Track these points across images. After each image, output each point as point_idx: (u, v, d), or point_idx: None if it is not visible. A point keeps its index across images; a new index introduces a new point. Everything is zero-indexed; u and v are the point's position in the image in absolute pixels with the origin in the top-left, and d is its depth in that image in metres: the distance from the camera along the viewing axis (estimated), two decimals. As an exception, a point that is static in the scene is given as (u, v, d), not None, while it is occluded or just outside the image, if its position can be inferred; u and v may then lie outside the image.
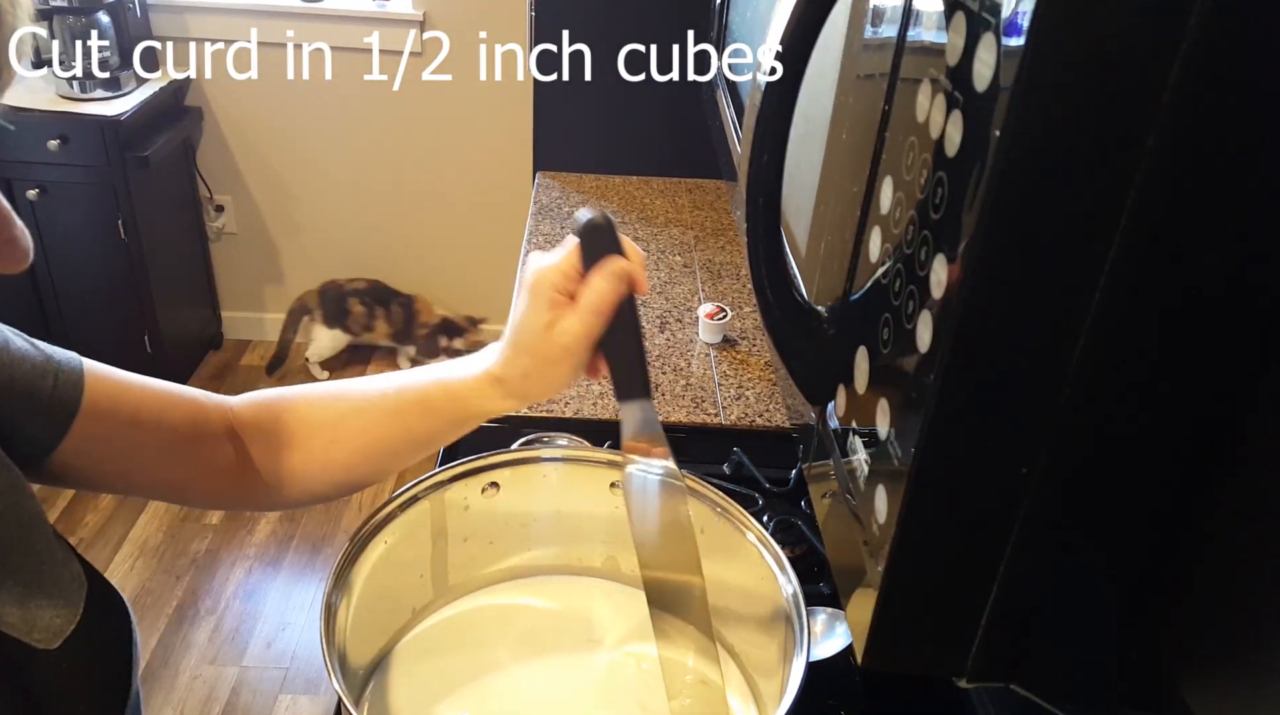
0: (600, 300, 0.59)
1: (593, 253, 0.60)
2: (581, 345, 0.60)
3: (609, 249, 0.60)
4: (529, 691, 0.77)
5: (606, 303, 0.60)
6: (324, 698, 1.92)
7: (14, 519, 0.55)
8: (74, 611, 0.56)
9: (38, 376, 0.60)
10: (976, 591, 0.38)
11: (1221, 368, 0.33)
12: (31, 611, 0.54)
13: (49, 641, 0.54)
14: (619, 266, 0.60)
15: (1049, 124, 0.30)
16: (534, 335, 0.61)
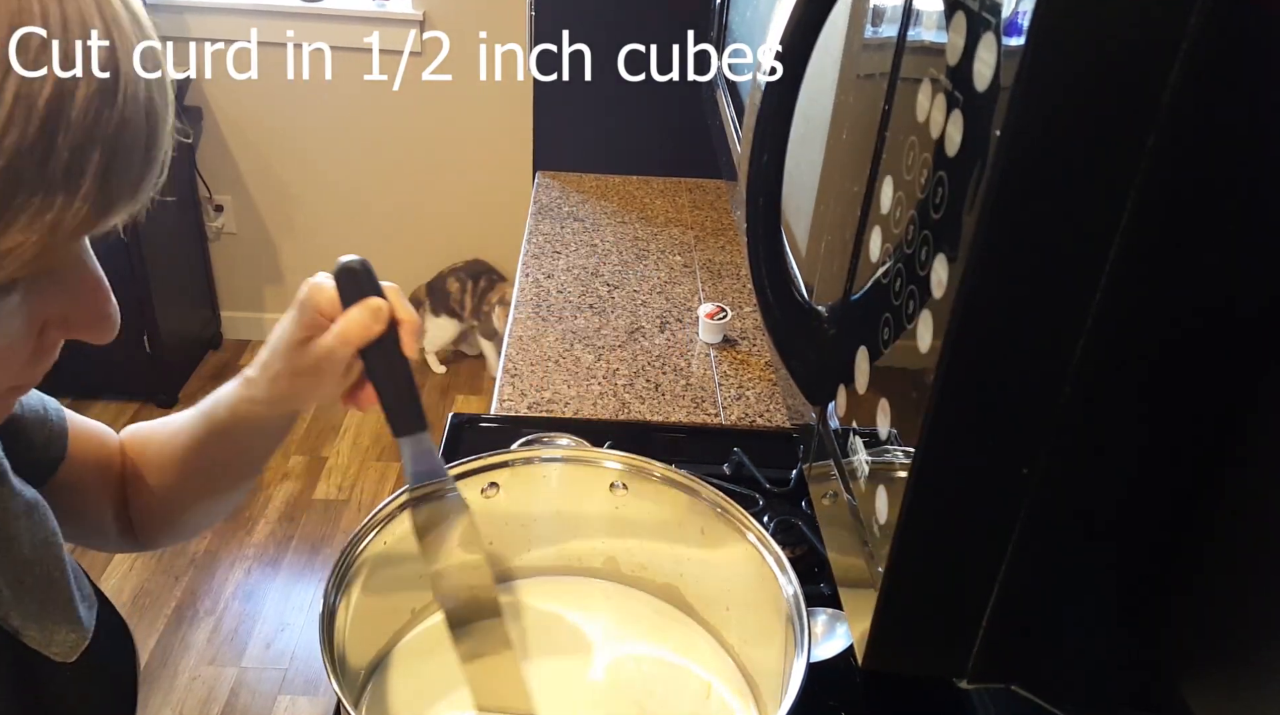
0: (348, 330, 0.61)
1: (349, 293, 0.63)
2: (328, 366, 0.62)
3: (366, 293, 0.63)
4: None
5: (354, 334, 0.61)
6: (323, 699, 1.92)
7: (30, 540, 0.56)
8: (86, 630, 0.58)
9: (39, 422, 0.64)
10: (977, 592, 0.38)
11: (1222, 368, 0.33)
12: (49, 628, 0.56)
13: (65, 656, 0.56)
14: (375, 304, 0.61)
15: (1049, 124, 0.30)
16: (287, 345, 0.63)
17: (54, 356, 0.45)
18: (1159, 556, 0.37)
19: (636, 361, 1.35)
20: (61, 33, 0.35)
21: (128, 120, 0.37)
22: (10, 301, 0.40)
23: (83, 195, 0.36)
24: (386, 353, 0.63)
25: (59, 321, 0.43)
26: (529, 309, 1.47)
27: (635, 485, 0.83)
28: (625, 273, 1.60)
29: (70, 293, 0.43)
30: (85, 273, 0.44)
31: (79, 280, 0.43)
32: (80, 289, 0.43)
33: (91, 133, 0.36)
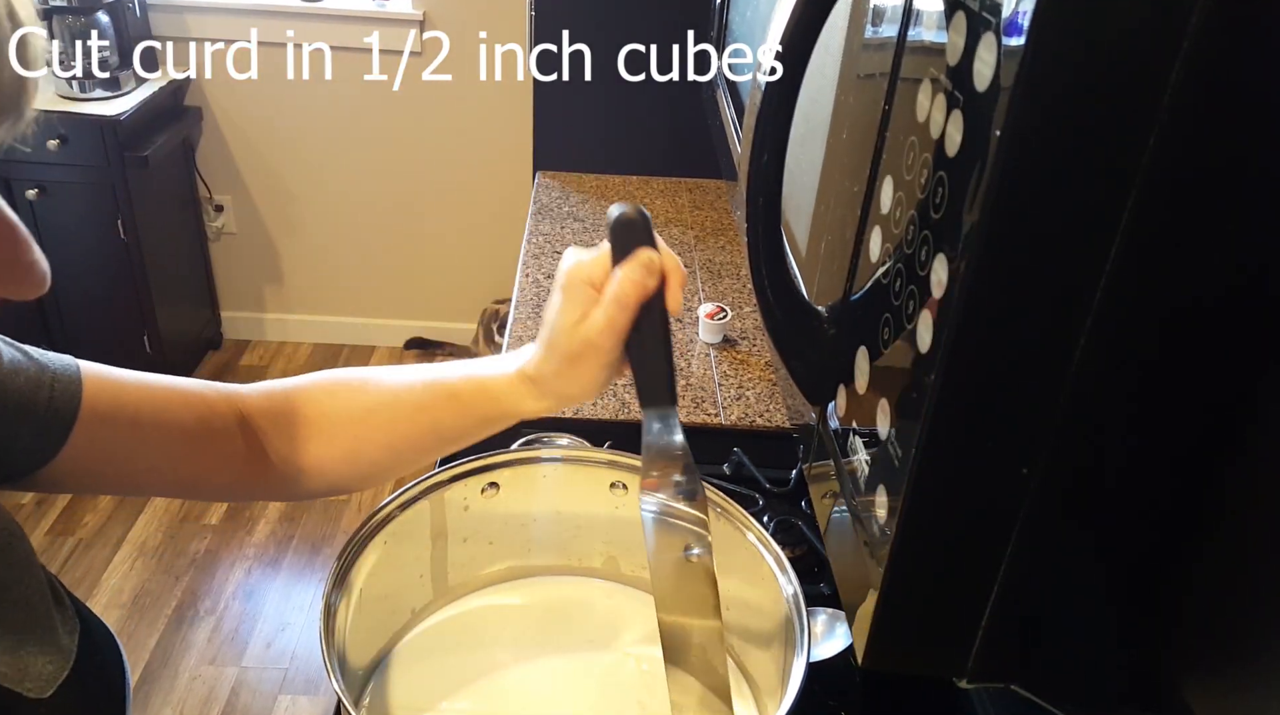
0: (623, 290, 0.57)
1: (623, 247, 0.58)
2: (605, 339, 0.58)
3: (641, 243, 0.58)
4: (529, 691, 0.77)
5: (630, 294, 0.57)
6: (323, 698, 1.92)
7: (3, 564, 0.53)
8: (66, 658, 0.55)
9: (32, 389, 0.58)
10: (977, 592, 0.38)
11: (1222, 368, 0.33)
12: (23, 660, 0.52)
13: (41, 690, 0.53)
14: (647, 256, 0.57)
15: (1049, 124, 0.30)
16: (563, 332, 0.59)
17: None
18: (1159, 556, 0.37)
19: (636, 361, 1.35)
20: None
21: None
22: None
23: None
24: (649, 313, 0.58)
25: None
26: (529, 309, 1.47)
27: (636, 485, 0.82)
28: (625, 273, 1.60)
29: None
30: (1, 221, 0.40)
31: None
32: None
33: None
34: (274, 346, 2.99)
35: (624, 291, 0.57)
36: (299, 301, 2.97)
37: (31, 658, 0.53)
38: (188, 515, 2.33)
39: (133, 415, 0.63)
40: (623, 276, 0.57)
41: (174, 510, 2.34)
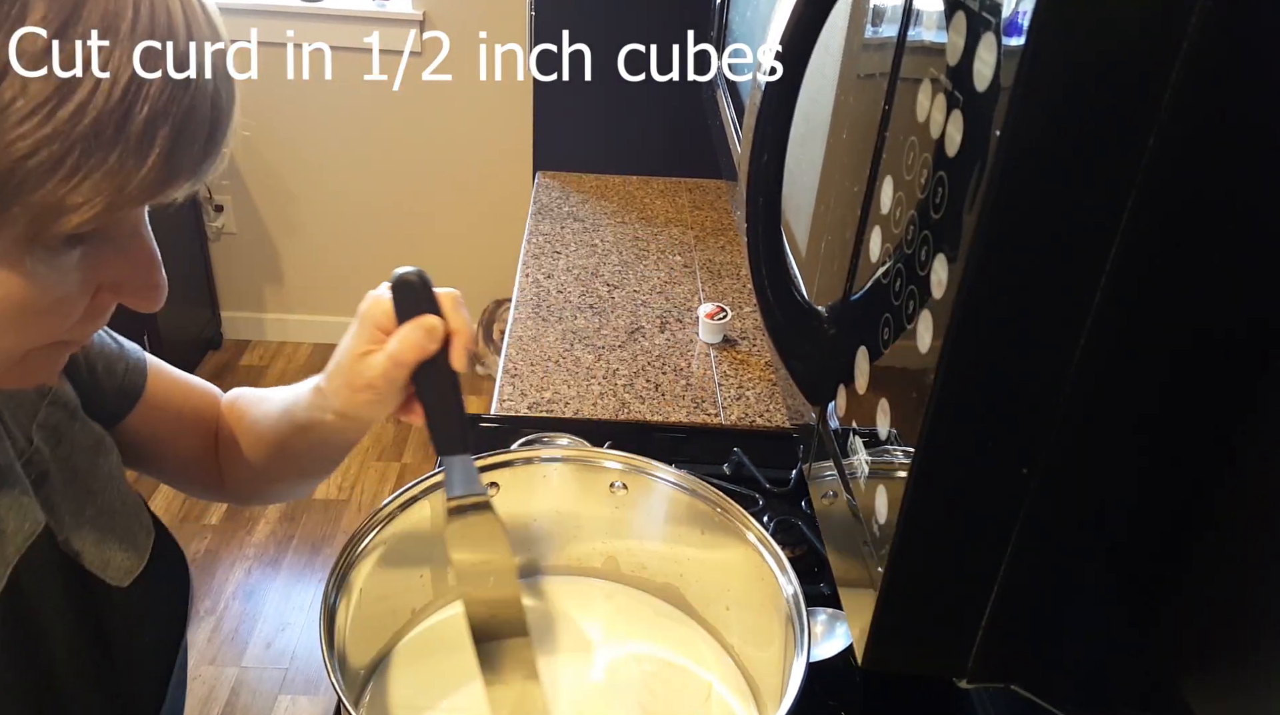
0: (401, 350, 0.61)
1: (405, 307, 0.61)
2: (380, 383, 0.61)
3: (423, 307, 0.61)
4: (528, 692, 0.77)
5: (407, 354, 0.61)
6: (323, 698, 1.92)
7: (94, 473, 0.62)
8: (141, 557, 0.63)
9: (115, 360, 0.68)
10: (977, 592, 0.38)
11: (1222, 367, 0.33)
12: (105, 552, 0.61)
13: (120, 580, 0.61)
14: (429, 323, 0.61)
15: (1049, 124, 0.30)
16: (346, 360, 0.63)
17: (104, 319, 0.49)
18: (1159, 556, 0.37)
19: (636, 361, 1.35)
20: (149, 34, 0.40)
21: (195, 107, 0.42)
22: (72, 255, 0.44)
23: (150, 163, 0.40)
24: (435, 370, 0.62)
25: (112, 286, 0.47)
26: (529, 309, 1.47)
27: (635, 485, 0.83)
28: (625, 273, 1.60)
29: (126, 259, 0.47)
30: (141, 243, 0.47)
31: (135, 249, 0.47)
32: (135, 257, 0.47)
33: (165, 111, 0.40)
34: (274, 346, 2.99)
35: (401, 351, 0.61)
36: (299, 301, 2.97)
37: (113, 552, 0.61)
38: (188, 515, 2.33)
39: (179, 408, 0.74)
40: (402, 337, 0.61)
41: (174, 510, 2.34)
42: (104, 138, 0.39)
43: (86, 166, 0.39)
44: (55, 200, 0.39)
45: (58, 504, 0.58)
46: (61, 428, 0.61)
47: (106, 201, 0.40)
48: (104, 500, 0.62)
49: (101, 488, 0.62)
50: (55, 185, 0.38)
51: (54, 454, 0.59)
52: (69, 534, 0.59)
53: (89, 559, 0.59)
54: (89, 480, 0.62)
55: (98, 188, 0.39)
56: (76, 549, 0.59)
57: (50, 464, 0.59)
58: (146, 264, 0.48)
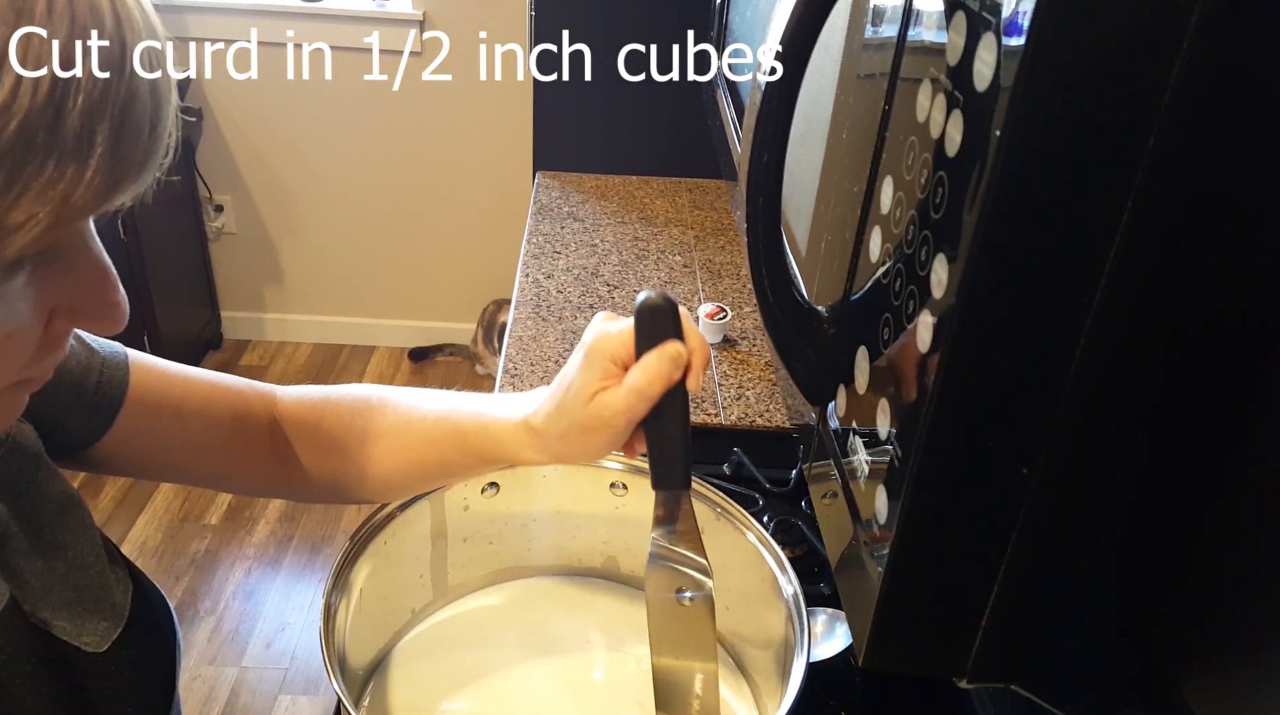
0: (647, 382, 0.56)
1: (648, 335, 0.57)
2: (620, 422, 0.58)
3: (668, 333, 0.57)
4: (529, 691, 0.77)
5: (653, 386, 0.56)
6: (323, 698, 1.92)
7: (61, 526, 0.57)
8: (119, 617, 0.58)
9: (82, 373, 0.61)
10: (977, 592, 0.38)
11: (1222, 367, 0.33)
12: (80, 616, 0.56)
13: (97, 645, 0.56)
14: (675, 350, 0.56)
15: (1049, 124, 0.30)
16: (577, 400, 0.58)
17: (63, 349, 0.45)
18: (1159, 556, 0.37)
19: (636, 361, 1.35)
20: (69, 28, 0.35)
21: (134, 94, 0.38)
22: (17, 281, 0.39)
23: (93, 166, 0.36)
24: (671, 399, 0.58)
25: (66, 311, 0.43)
26: (529, 309, 1.47)
27: (635, 485, 0.83)
28: (625, 273, 1.60)
29: (77, 279, 0.42)
30: (91, 259, 0.43)
31: (85, 266, 0.42)
32: (87, 275, 0.43)
33: (100, 105, 0.36)
34: (274, 346, 2.99)
35: (648, 383, 0.56)
36: (299, 301, 2.97)
37: (88, 615, 0.56)
38: (188, 515, 2.33)
39: (176, 407, 0.66)
40: (648, 368, 0.56)
41: (174, 510, 2.34)
42: (35, 145, 0.34)
43: (21, 180, 0.34)
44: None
45: (23, 567, 0.54)
46: (22, 481, 0.55)
47: (51, 216, 0.35)
48: (75, 555, 0.57)
49: (72, 541, 0.57)
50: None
51: (14, 510, 0.54)
52: (37, 601, 0.54)
53: (61, 628, 0.55)
54: (58, 534, 0.56)
55: (40, 201, 0.35)
56: (45, 618, 0.54)
57: (10, 523, 0.54)
58: (100, 281, 0.43)
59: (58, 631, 0.54)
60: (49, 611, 0.54)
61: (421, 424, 0.68)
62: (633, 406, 0.57)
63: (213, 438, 0.69)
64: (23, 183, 0.34)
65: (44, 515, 0.56)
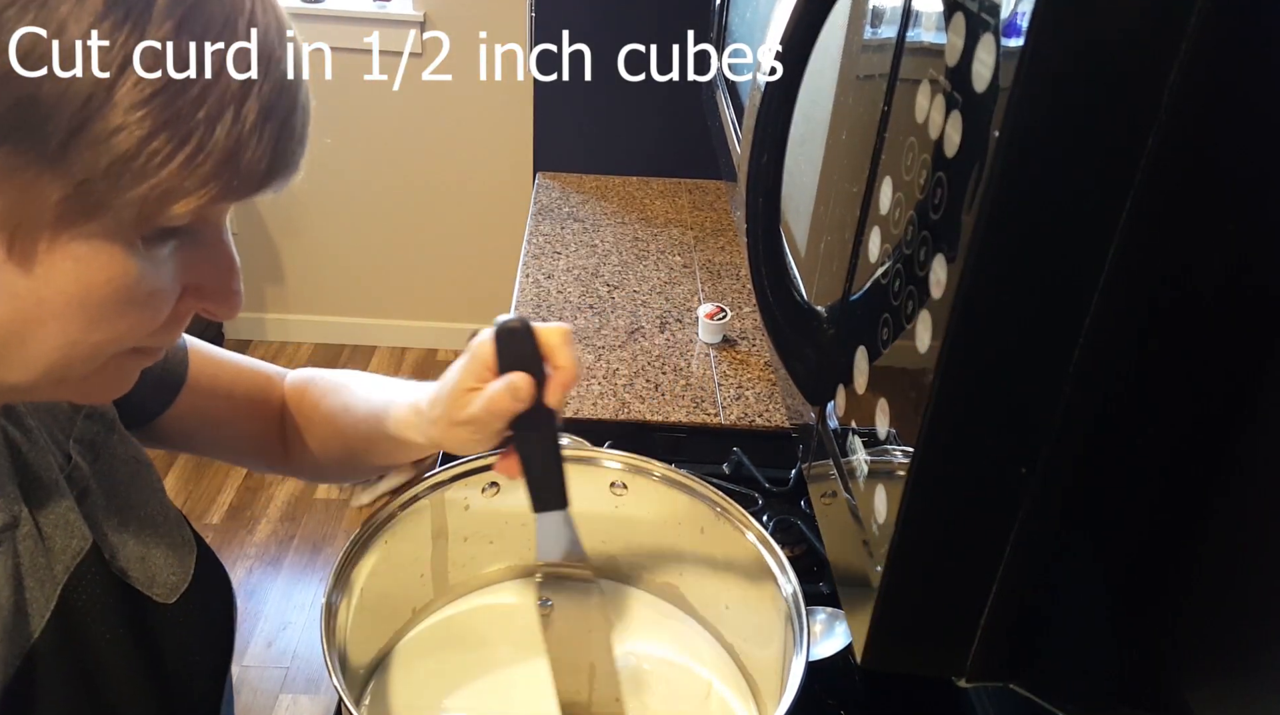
0: (492, 404, 0.60)
1: (506, 356, 0.60)
2: (478, 424, 0.61)
3: (526, 356, 0.60)
4: (529, 689, 0.77)
5: (497, 411, 0.60)
6: (324, 697, 1.92)
7: (136, 486, 0.62)
8: (186, 572, 0.63)
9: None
10: (976, 591, 0.38)
11: (1221, 368, 0.33)
12: (151, 569, 0.60)
13: (167, 596, 0.61)
14: (515, 383, 0.60)
15: (1048, 125, 0.30)
16: (449, 393, 0.62)
17: (183, 327, 0.49)
18: (1159, 556, 0.37)
19: (636, 361, 1.35)
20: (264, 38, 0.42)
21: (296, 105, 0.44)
22: (165, 249, 0.44)
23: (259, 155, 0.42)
24: (532, 422, 0.61)
25: (195, 290, 0.48)
26: (529, 309, 1.47)
27: (635, 485, 0.83)
28: (625, 273, 1.60)
29: (212, 264, 0.48)
30: (224, 249, 0.48)
31: (220, 254, 0.48)
32: (220, 262, 0.48)
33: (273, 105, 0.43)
34: (275, 346, 2.99)
35: (493, 405, 0.60)
36: (300, 301, 2.97)
37: (158, 568, 0.61)
38: (190, 514, 2.31)
39: (228, 389, 0.73)
40: (491, 394, 0.60)
41: (174, 510, 2.34)
42: (225, 121, 0.40)
43: (207, 148, 0.40)
44: (171, 185, 0.40)
45: (101, 520, 0.58)
46: (99, 442, 0.60)
47: (217, 189, 0.41)
48: (146, 514, 0.61)
49: (143, 502, 0.62)
50: (178, 167, 0.40)
51: (93, 469, 0.59)
52: (114, 551, 0.58)
53: (135, 576, 0.59)
54: (130, 494, 0.61)
55: (213, 173, 0.41)
56: (122, 566, 0.58)
57: (90, 479, 0.58)
58: (228, 268, 0.49)
59: (133, 581, 0.59)
60: (125, 561, 0.59)
61: (357, 406, 0.73)
62: (482, 420, 0.60)
63: (255, 420, 0.76)
64: (207, 152, 0.40)
65: (119, 475, 0.61)
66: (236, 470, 2.48)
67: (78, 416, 0.59)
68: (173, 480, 2.42)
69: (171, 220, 0.42)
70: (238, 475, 2.47)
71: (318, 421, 0.75)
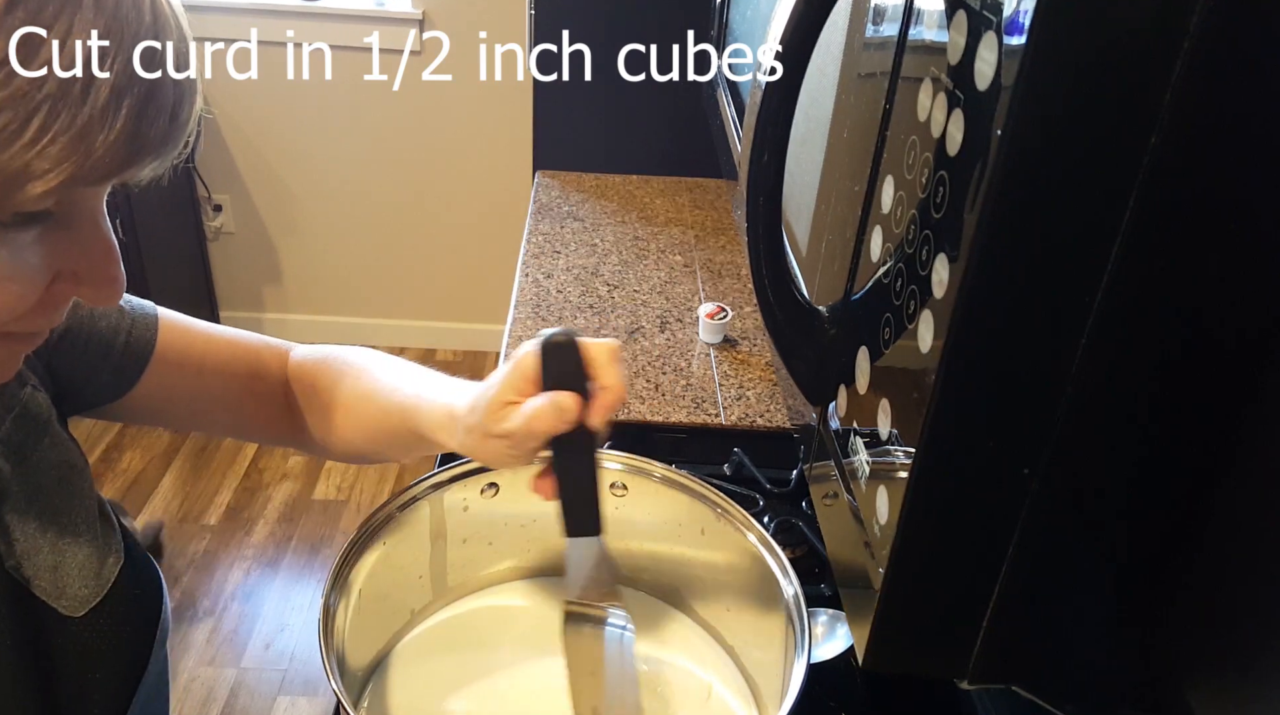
0: (533, 424, 0.57)
1: (551, 372, 0.58)
2: (515, 442, 0.58)
3: (570, 373, 0.57)
4: (529, 691, 0.77)
5: (539, 430, 0.57)
6: (322, 699, 1.92)
7: (59, 493, 0.60)
8: (103, 585, 0.60)
9: (111, 333, 0.66)
10: (978, 592, 0.38)
11: (1222, 368, 0.33)
12: (61, 580, 0.58)
13: (74, 610, 0.58)
14: (563, 403, 0.57)
15: (1051, 123, 0.30)
16: (488, 405, 0.60)
17: (61, 312, 0.48)
18: (1159, 556, 0.37)
19: (636, 362, 1.35)
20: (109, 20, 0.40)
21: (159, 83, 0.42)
22: (27, 236, 0.43)
23: (116, 133, 0.40)
24: (571, 444, 0.58)
25: (69, 275, 0.46)
26: (529, 309, 1.47)
27: (635, 485, 0.82)
28: (625, 273, 1.60)
29: (85, 249, 0.46)
30: (100, 234, 0.47)
31: (94, 239, 0.46)
32: (94, 248, 0.46)
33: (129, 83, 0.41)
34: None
35: (533, 425, 0.57)
36: (298, 301, 2.97)
37: (70, 580, 0.59)
38: (187, 515, 2.33)
39: (198, 363, 0.71)
40: (536, 409, 0.57)
41: (173, 510, 2.34)
42: (71, 99, 0.39)
43: (54, 128, 0.38)
44: (20, 166, 0.39)
45: (13, 525, 0.57)
46: (27, 445, 0.58)
47: (72, 169, 0.39)
48: (69, 522, 0.60)
49: (68, 509, 0.60)
50: (22, 149, 0.38)
51: (16, 472, 0.57)
52: (21, 559, 0.57)
53: (41, 586, 0.57)
54: (54, 500, 0.59)
55: (63, 153, 0.39)
56: (28, 575, 0.57)
57: (10, 483, 0.57)
58: (104, 254, 0.47)
59: (37, 590, 0.57)
60: (32, 570, 0.57)
61: (385, 395, 0.71)
62: (519, 435, 0.58)
63: (230, 392, 0.73)
64: (53, 133, 0.39)
65: (43, 480, 0.59)
66: (234, 471, 2.48)
67: (7, 417, 0.58)
68: (170, 481, 2.42)
69: (29, 204, 0.41)
70: (235, 476, 2.47)
71: (337, 406, 0.73)
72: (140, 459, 2.47)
